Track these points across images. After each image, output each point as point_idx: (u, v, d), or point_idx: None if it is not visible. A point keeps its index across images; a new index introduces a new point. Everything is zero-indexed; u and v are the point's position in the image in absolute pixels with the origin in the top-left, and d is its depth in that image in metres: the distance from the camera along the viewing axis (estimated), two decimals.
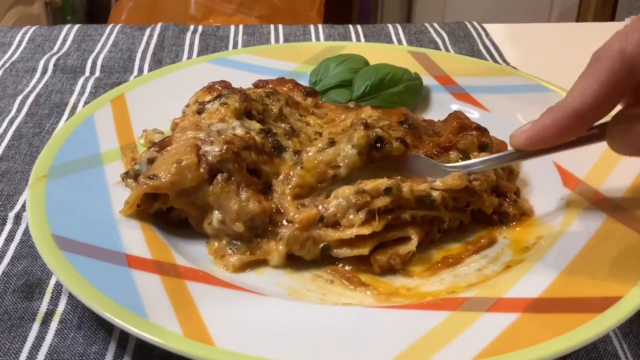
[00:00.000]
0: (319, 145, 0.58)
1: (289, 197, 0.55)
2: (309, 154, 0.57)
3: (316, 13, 2.07)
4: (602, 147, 0.62)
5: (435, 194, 0.54)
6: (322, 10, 2.10)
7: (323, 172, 0.56)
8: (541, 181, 0.63)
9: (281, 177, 0.56)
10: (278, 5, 2.00)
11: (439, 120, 0.65)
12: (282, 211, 0.55)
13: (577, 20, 2.32)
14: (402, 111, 0.63)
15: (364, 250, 0.53)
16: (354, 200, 0.53)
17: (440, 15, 2.45)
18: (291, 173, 0.56)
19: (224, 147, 0.55)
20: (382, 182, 0.53)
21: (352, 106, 0.66)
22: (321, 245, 0.53)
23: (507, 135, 0.65)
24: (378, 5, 2.63)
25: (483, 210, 0.57)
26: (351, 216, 0.53)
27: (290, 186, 0.55)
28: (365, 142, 0.56)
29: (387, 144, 0.56)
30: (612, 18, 2.23)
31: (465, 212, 0.57)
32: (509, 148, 0.54)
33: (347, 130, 0.59)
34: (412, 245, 0.54)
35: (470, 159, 0.58)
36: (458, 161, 0.58)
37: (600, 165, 0.60)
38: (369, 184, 0.53)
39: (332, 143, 0.58)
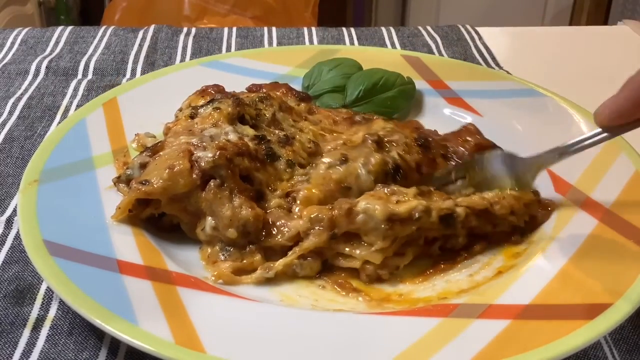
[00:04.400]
0: (329, 160, 0.57)
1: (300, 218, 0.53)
2: (319, 170, 0.56)
3: (310, 14, 2.07)
4: (593, 153, 0.63)
5: (459, 209, 0.53)
6: (316, 11, 2.10)
7: (332, 190, 0.55)
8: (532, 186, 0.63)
9: (278, 191, 0.56)
10: (272, 6, 1.99)
11: (451, 132, 0.65)
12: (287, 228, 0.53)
13: (570, 23, 2.33)
14: (414, 124, 0.62)
15: (356, 264, 0.53)
16: (383, 227, 0.51)
17: (434, 18, 2.46)
18: (297, 188, 0.55)
19: (217, 153, 0.54)
20: (415, 207, 0.52)
21: (359, 119, 0.65)
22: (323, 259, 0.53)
23: (499, 140, 0.66)
24: (372, 7, 2.63)
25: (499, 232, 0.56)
26: (373, 238, 0.52)
27: (298, 202, 0.54)
28: (381, 169, 0.56)
29: (403, 172, 0.56)
30: (605, 21, 2.24)
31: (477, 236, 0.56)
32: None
33: (358, 146, 0.58)
34: (404, 261, 0.54)
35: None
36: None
37: (592, 170, 0.61)
38: (401, 207, 0.52)
39: (344, 160, 0.57)
